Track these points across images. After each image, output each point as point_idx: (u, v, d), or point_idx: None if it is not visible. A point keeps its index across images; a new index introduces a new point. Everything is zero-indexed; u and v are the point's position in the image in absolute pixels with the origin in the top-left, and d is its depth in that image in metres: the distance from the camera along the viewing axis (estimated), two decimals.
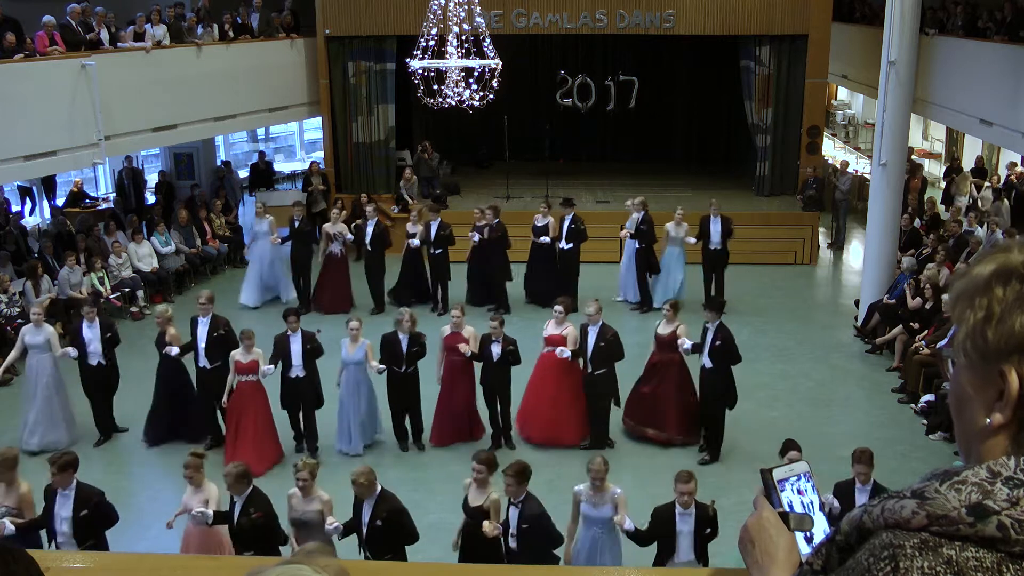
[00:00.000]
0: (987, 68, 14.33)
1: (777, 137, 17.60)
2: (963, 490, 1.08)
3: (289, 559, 1.24)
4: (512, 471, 6.95)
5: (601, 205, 17.10)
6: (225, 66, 16.16)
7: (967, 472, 1.11)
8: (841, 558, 1.16)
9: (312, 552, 1.26)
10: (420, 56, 12.42)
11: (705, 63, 19.77)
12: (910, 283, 12.38)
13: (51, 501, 6.97)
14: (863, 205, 16.71)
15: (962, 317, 1.17)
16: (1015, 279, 1.13)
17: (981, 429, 1.15)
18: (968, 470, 1.11)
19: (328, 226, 14.18)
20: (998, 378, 1.13)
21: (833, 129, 24.93)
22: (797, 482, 1.52)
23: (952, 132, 19.77)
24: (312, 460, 7.31)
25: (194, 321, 10.07)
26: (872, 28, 17.77)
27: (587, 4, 16.88)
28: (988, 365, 1.14)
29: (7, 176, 13.48)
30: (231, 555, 6.68)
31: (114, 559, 3.81)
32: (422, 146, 17.80)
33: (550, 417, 10.01)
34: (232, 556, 6.42)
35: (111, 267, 14.08)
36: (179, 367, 10.16)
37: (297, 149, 25.12)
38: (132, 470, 9.76)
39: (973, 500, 1.07)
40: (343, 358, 9.82)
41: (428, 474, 9.55)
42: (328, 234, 14.02)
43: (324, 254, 14.02)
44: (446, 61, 12.46)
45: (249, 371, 9.51)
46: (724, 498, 8.89)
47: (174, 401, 10.15)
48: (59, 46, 13.40)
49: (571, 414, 10.05)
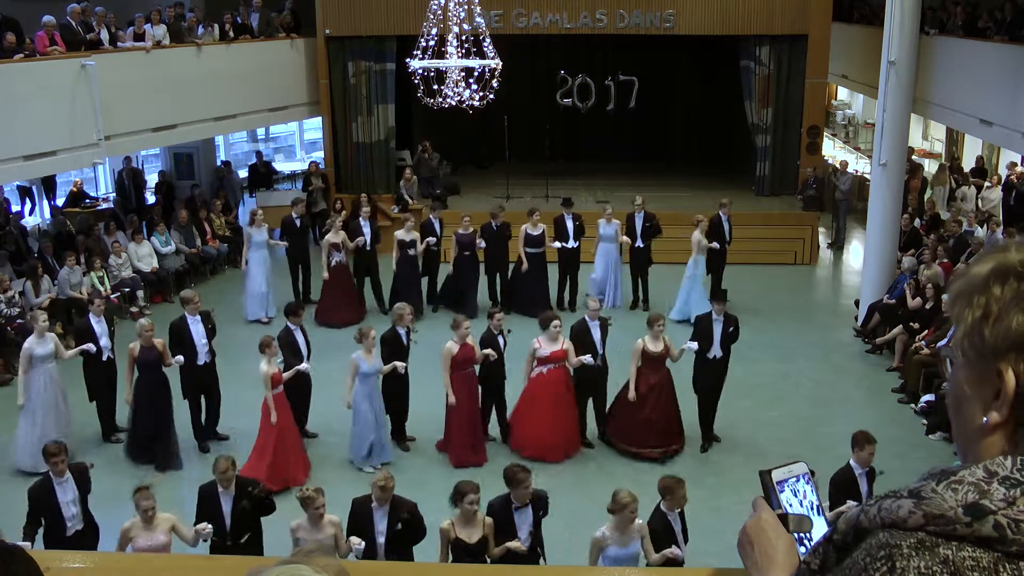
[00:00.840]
0: (987, 68, 14.33)
1: (777, 137, 17.61)
2: (960, 490, 1.08)
3: (288, 559, 1.24)
4: (507, 475, 6.88)
5: (601, 205, 17.08)
6: (225, 66, 16.16)
7: (964, 472, 1.11)
8: (838, 558, 1.16)
9: (312, 552, 1.26)
10: (420, 56, 12.42)
11: (705, 63, 19.77)
12: (910, 283, 12.39)
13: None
14: (863, 205, 16.71)
15: (960, 316, 1.17)
16: (1013, 277, 1.13)
17: (978, 428, 1.15)
18: (965, 470, 1.11)
19: (331, 236, 13.55)
20: (995, 377, 1.13)
21: (833, 129, 24.92)
22: (796, 484, 1.52)
23: (952, 132, 19.77)
24: (315, 486, 6.89)
25: (183, 322, 9.88)
26: (872, 28, 17.77)
27: (587, 4, 16.88)
28: (985, 364, 1.14)
29: (7, 176, 13.48)
30: (231, 555, 6.67)
31: (114, 559, 3.81)
32: (422, 146, 17.80)
33: (548, 438, 9.77)
34: (232, 556, 6.41)
35: (111, 267, 14.08)
36: (165, 381, 9.71)
37: (297, 149, 25.11)
38: (133, 470, 9.74)
39: (970, 500, 1.06)
40: (364, 370, 9.37)
41: (423, 475, 9.51)
42: (331, 244, 13.49)
43: (329, 267, 13.44)
44: (446, 61, 12.46)
45: (279, 382, 9.26)
46: (724, 498, 8.90)
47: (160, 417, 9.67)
48: (59, 46, 13.40)
49: (571, 432, 9.95)
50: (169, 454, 9.62)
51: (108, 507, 8.03)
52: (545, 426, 9.72)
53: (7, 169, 12.66)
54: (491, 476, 9.16)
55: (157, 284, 14.82)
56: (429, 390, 10.13)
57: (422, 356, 10.35)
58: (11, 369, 12.04)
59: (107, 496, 8.25)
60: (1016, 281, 1.13)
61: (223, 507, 6.99)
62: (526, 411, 9.88)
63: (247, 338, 13.15)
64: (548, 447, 9.75)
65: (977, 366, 1.15)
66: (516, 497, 6.78)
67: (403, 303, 10.24)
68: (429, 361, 10.31)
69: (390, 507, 6.79)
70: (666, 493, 6.69)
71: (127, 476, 9.71)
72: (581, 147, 20.54)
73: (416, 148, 18.23)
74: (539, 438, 9.75)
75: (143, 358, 9.49)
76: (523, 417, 9.91)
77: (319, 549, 1.28)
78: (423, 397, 10.15)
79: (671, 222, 15.83)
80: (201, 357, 9.88)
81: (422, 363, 10.28)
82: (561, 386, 9.77)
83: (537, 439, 9.76)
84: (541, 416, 9.72)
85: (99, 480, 8.01)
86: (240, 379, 10.71)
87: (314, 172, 17.96)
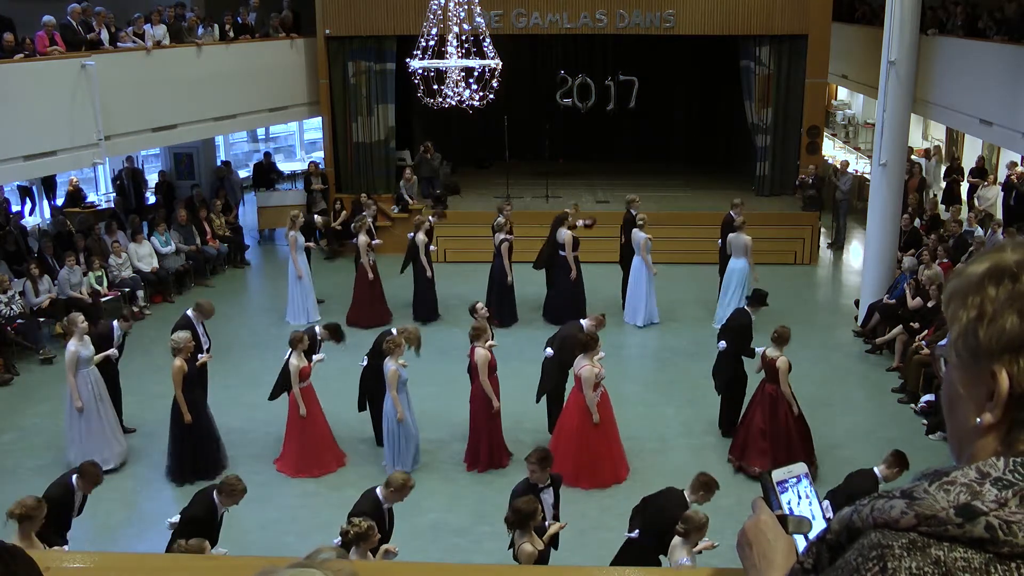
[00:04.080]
0: (987, 68, 14.32)
1: (777, 137, 17.60)
2: (952, 490, 1.08)
3: (301, 561, 1.22)
4: (535, 458, 7.02)
5: (601, 205, 17.10)
6: (225, 66, 16.16)
7: (957, 472, 1.11)
8: (831, 557, 1.16)
9: (325, 556, 1.24)
10: (420, 56, 12.41)
11: (705, 63, 19.77)
12: (910, 283, 12.38)
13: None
14: (863, 205, 16.71)
15: (955, 316, 1.17)
16: (1007, 278, 1.13)
17: (972, 429, 1.15)
18: (958, 470, 1.11)
19: (363, 236, 13.37)
20: (989, 378, 1.13)
21: (833, 129, 24.91)
22: (796, 485, 1.51)
23: (952, 132, 19.77)
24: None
25: (190, 324, 9.90)
26: (872, 28, 17.76)
27: (587, 4, 16.87)
28: (979, 365, 1.14)
29: (7, 176, 13.48)
30: (231, 556, 6.68)
31: (114, 559, 3.80)
32: (424, 146, 17.79)
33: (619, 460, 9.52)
34: (232, 556, 6.42)
35: (111, 267, 14.08)
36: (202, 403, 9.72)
37: (297, 149, 25.12)
38: (133, 470, 9.75)
39: (962, 501, 1.06)
40: (403, 377, 9.26)
41: (425, 475, 9.53)
42: (365, 244, 13.38)
43: (370, 266, 13.36)
44: (446, 61, 12.45)
45: (307, 376, 9.45)
46: (724, 498, 8.88)
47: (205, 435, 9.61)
48: (59, 46, 13.40)
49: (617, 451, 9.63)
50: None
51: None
52: (618, 448, 9.53)
53: (7, 169, 12.66)
54: (500, 479, 9.21)
55: (157, 284, 14.82)
56: (426, 390, 10.15)
57: (423, 357, 10.34)
58: (11, 369, 12.06)
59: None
60: (1011, 282, 1.13)
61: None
62: (606, 441, 9.38)
63: (247, 337, 13.19)
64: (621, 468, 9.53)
65: (971, 367, 1.15)
66: (539, 479, 6.94)
67: (406, 331, 9.66)
68: (429, 361, 10.32)
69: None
70: (701, 488, 6.86)
71: (129, 476, 9.74)
72: (581, 147, 20.54)
73: (416, 148, 18.22)
74: (615, 466, 9.43)
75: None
76: (605, 448, 9.39)
77: (333, 552, 1.27)
78: (423, 395, 10.16)
79: (671, 222, 15.86)
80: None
81: (423, 365, 10.29)
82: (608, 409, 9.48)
83: (614, 469, 9.41)
84: (615, 439, 9.50)
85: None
86: (240, 376, 10.74)
87: (314, 172, 17.96)
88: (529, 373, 10.28)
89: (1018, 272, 1.13)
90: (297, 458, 9.50)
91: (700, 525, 6.23)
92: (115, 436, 9.73)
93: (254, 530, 8.43)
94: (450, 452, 9.94)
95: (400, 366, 9.23)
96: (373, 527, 6.01)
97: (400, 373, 9.22)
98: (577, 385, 9.18)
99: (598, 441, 9.23)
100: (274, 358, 10.82)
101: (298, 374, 9.25)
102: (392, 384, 9.16)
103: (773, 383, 9.30)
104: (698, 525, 6.22)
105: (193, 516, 6.92)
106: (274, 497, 9.09)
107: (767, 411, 9.29)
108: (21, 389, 11.70)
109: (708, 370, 10.50)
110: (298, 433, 9.49)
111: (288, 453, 9.62)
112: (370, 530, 5.95)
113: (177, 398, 9.15)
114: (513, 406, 10.03)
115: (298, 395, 9.33)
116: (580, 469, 9.14)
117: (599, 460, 9.26)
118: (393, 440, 9.41)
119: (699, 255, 15.25)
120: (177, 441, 9.36)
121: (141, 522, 8.76)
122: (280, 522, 8.67)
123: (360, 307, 13.53)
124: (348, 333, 10.61)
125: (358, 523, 5.99)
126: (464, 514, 8.80)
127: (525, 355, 11.63)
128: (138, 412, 10.50)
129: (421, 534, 8.27)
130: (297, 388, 9.30)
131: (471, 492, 9.22)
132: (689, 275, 15.15)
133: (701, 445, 10.11)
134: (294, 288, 13.64)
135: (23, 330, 12.40)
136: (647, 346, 13.14)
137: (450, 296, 13.92)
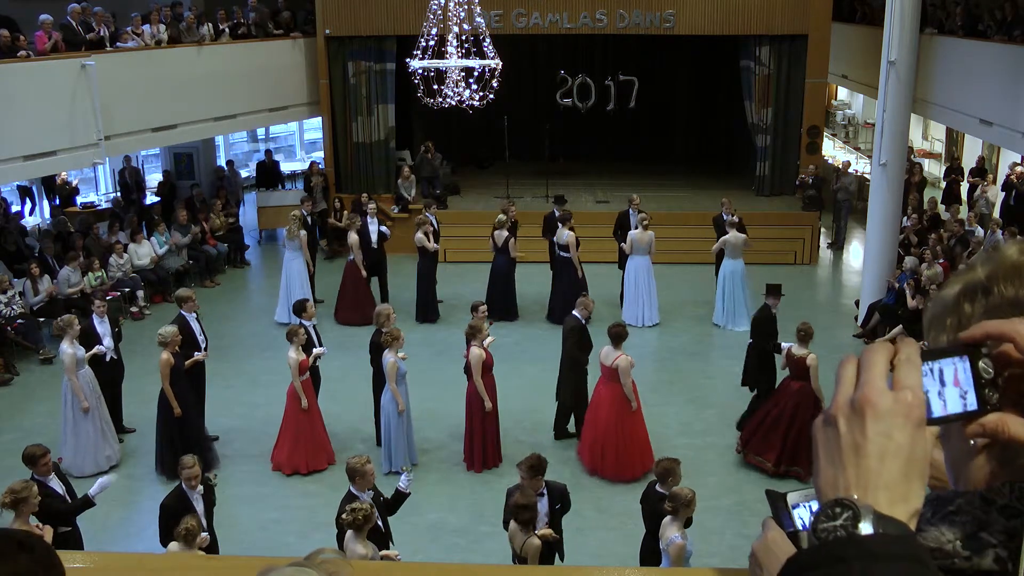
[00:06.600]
0: (987, 68, 14.32)
1: (777, 137, 17.60)
2: (957, 521, 1.05)
3: (300, 561, 1.20)
4: (525, 465, 6.89)
5: (601, 205, 17.09)
6: (225, 66, 16.15)
7: (960, 500, 1.07)
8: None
9: (323, 557, 1.23)
10: (420, 56, 12.42)
11: (705, 63, 19.77)
12: (910, 283, 12.37)
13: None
14: (863, 205, 16.71)
15: (936, 341, 1.16)
16: (981, 294, 1.12)
17: (967, 451, 1.12)
18: (960, 498, 1.08)
19: (353, 235, 13.53)
20: None
21: (833, 129, 24.92)
22: (808, 503, 1.49)
23: (952, 132, 19.77)
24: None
25: (185, 323, 9.86)
26: (872, 28, 17.76)
27: (587, 4, 16.87)
28: None
29: (7, 176, 13.47)
30: (231, 555, 6.68)
31: (114, 559, 3.80)
32: (425, 146, 17.78)
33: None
34: (232, 556, 6.42)
35: (111, 267, 14.08)
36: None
37: (297, 149, 25.11)
38: (133, 470, 9.75)
39: (968, 532, 1.03)
40: (403, 370, 9.30)
41: (424, 475, 9.53)
42: (355, 243, 13.45)
43: (360, 264, 13.45)
44: (446, 61, 12.46)
45: (307, 369, 9.51)
46: (724, 498, 8.91)
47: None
48: (59, 47, 13.40)
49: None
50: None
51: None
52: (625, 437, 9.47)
53: (7, 169, 12.65)
54: (500, 479, 9.21)
55: (157, 284, 14.81)
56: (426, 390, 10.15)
57: (422, 357, 10.35)
58: (11, 369, 12.06)
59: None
60: (984, 296, 1.12)
61: (196, 508, 6.99)
62: (642, 429, 9.49)
63: (247, 337, 13.20)
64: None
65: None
66: (532, 487, 6.83)
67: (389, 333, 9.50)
68: (429, 361, 10.33)
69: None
70: (667, 476, 6.87)
71: (129, 476, 9.74)
72: (581, 147, 20.53)
73: (416, 148, 18.21)
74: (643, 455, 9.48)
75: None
76: (644, 434, 9.50)
77: (332, 554, 1.26)
78: (422, 396, 10.16)
79: (671, 222, 15.86)
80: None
81: (423, 365, 10.29)
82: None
83: (642, 459, 9.45)
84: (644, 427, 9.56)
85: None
86: (240, 376, 10.74)
87: (314, 172, 17.95)
88: (529, 372, 10.29)
89: (990, 286, 1.12)
90: (291, 452, 9.50)
91: (687, 501, 6.38)
92: (107, 439, 9.69)
93: (254, 530, 8.44)
94: (449, 452, 9.94)
95: (399, 358, 9.26)
96: (372, 507, 6.22)
97: (399, 365, 9.25)
98: (608, 375, 9.17)
99: (633, 429, 9.29)
100: (274, 358, 10.82)
101: (297, 367, 9.29)
102: (391, 376, 9.19)
103: (798, 380, 9.26)
104: (685, 501, 6.37)
105: (165, 504, 7.00)
106: (274, 497, 9.10)
107: (787, 407, 9.27)
108: (21, 389, 11.70)
109: (707, 370, 10.51)
110: (294, 427, 9.53)
111: (281, 446, 9.61)
112: (371, 510, 6.18)
113: (165, 391, 9.17)
114: (513, 405, 10.04)
115: (299, 388, 9.37)
116: (621, 461, 9.21)
117: (634, 447, 9.31)
118: (388, 435, 9.44)
119: (699, 255, 15.24)
120: (163, 435, 9.38)
121: (140, 521, 8.76)
122: (280, 522, 8.68)
123: (347, 304, 13.50)
124: (348, 333, 10.63)
125: (358, 506, 6.19)
126: (464, 514, 8.80)
127: (526, 354, 11.63)
128: (137, 412, 10.49)
129: (421, 534, 8.28)
130: (298, 381, 9.35)
131: (471, 492, 9.22)
132: (689, 275, 15.16)
133: (701, 445, 10.11)
134: (287, 287, 13.56)
135: (23, 330, 12.41)
136: (647, 346, 13.13)
137: (450, 296, 13.91)
